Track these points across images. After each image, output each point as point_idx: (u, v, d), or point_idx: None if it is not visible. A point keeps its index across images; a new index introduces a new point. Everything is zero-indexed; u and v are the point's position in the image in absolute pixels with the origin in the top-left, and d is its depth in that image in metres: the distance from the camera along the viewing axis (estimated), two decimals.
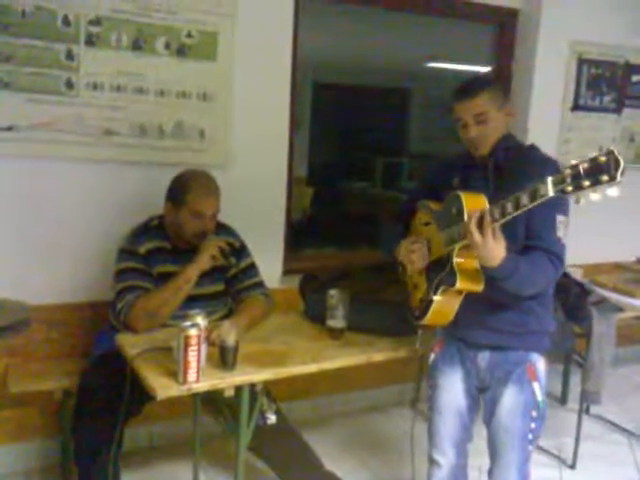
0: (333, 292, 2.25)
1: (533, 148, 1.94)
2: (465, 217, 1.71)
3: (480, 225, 1.62)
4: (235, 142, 2.80)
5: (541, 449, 3.03)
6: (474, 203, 1.73)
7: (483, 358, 1.93)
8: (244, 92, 2.78)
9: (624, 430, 3.28)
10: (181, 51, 2.62)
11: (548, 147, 3.52)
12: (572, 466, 2.93)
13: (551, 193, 1.46)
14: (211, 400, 2.19)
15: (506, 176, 1.83)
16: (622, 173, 1.36)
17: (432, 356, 2.07)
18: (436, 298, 1.86)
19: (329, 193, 6.35)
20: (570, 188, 1.43)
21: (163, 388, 1.76)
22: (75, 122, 2.48)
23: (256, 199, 2.89)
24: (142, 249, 2.26)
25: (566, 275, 2.93)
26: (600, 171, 1.38)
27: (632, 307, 2.95)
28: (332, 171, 6.57)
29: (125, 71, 2.54)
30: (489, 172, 1.88)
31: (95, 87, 2.50)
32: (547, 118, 3.60)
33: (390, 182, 6.43)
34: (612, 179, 1.37)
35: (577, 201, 1.44)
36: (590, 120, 3.75)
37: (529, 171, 1.72)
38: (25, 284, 2.47)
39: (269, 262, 2.85)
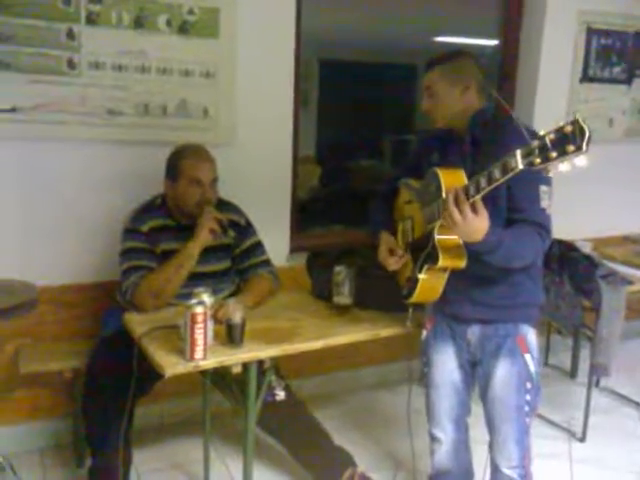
0: (339, 269, 2.24)
1: (510, 119, 1.89)
2: (443, 194, 1.69)
3: (457, 203, 1.59)
4: (239, 120, 2.78)
5: (550, 422, 3.04)
6: (452, 179, 1.72)
7: (473, 332, 1.93)
8: (248, 69, 2.76)
9: (634, 403, 3.28)
10: (183, 28, 2.60)
11: (556, 119, 3.52)
12: (582, 439, 2.94)
13: (520, 166, 1.43)
14: (220, 377, 2.20)
15: (483, 150, 1.81)
16: (588, 142, 1.31)
17: (424, 333, 2.07)
18: (421, 276, 1.86)
19: (337, 171, 6.31)
20: (538, 160, 1.39)
21: (171, 365, 1.77)
22: (78, 102, 2.47)
23: (261, 177, 2.88)
24: (145, 228, 2.26)
25: (574, 249, 2.92)
26: (566, 141, 1.34)
27: None
28: (340, 149, 6.53)
29: (127, 50, 2.52)
30: (466, 146, 1.86)
31: (97, 66, 2.48)
32: (555, 90, 3.55)
33: (398, 159, 6.38)
34: (578, 149, 1.32)
35: (546, 172, 1.41)
36: (599, 91, 3.69)
37: (504, 143, 1.69)
38: (33, 265, 2.48)
39: (276, 240, 2.85)
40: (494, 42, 3.72)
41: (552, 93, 3.54)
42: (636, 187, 3.83)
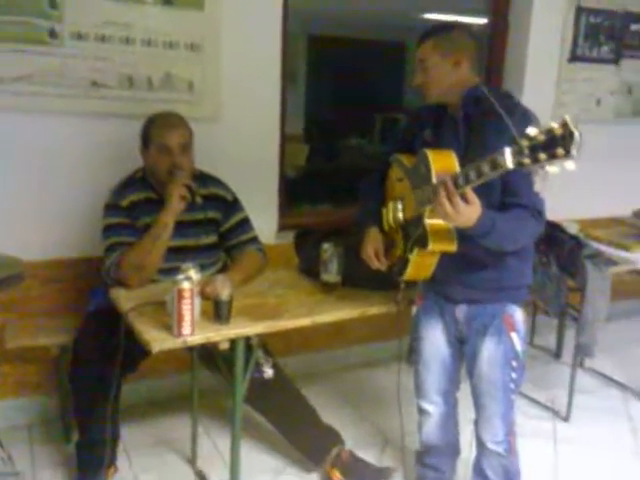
0: (327, 246, 2.23)
1: (506, 97, 1.85)
2: (433, 178, 1.68)
3: (448, 195, 1.58)
4: (225, 94, 2.74)
5: (535, 402, 3.07)
6: (442, 163, 1.70)
7: (461, 311, 1.94)
8: (233, 42, 2.71)
9: (617, 383, 3.32)
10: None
11: (545, 99, 3.54)
12: (565, 418, 2.97)
13: (510, 165, 1.41)
14: (208, 355, 2.19)
15: (477, 129, 1.79)
16: (578, 148, 1.28)
17: (414, 309, 2.10)
18: (412, 257, 1.86)
19: (325, 150, 6.28)
20: (527, 161, 1.36)
21: (158, 341, 1.76)
22: (60, 74, 2.42)
23: (249, 154, 2.84)
24: (125, 202, 2.23)
25: (561, 229, 2.92)
26: (556, 144, 1.30)
27: (626, 260, 2.94)
28: (328, 127, 6.48)
29: (111, 20, 2.46)
30: (459, 125, 1.84)
31: (80, 37, 2.42)
32: (544, 69, 3.54)
33: (387, 138, 6.35)
34: (567, 153, 1.29)
35: (535, 173, 1.38)
36: (588, 71, 3.68)
37: (496, 124, 1.66)
38: (18, 240, 2.43)
39: (264, 218, 2.83)
40: (483, 20, 3.69)
41: (541, 72, 3.52)
42: (624, 168, 3.84)
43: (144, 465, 2.47)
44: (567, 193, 3.12)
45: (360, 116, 6.60)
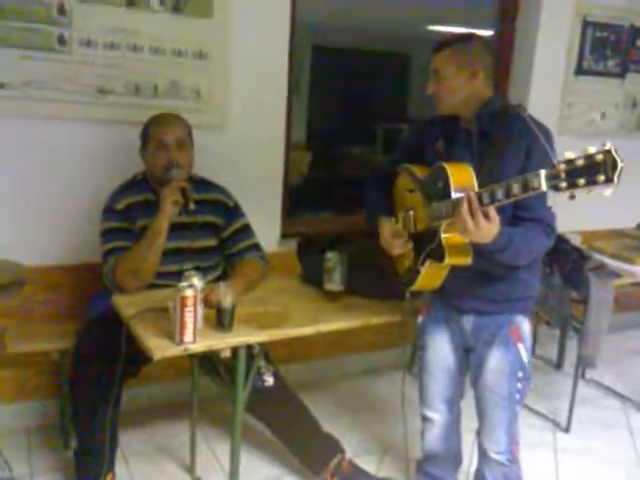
0: (330, 255, 2.23)
1: (519, 111, 1.82)
2: (452, 193, 1.67)
3: (471, 210, 1.57)
4: (232, 103, 2.75)
5: (536, 413, 3.06)
6: (461, 177, 1.69)
7: (467, 321, 1.94)
8: (241, 51, 2.72)
9: (618, 394, 3.31)
10: (176, 7, 2.55)
11: (550, 111, 3.54)
12: (566, 429, 2.96)
13: (544, 188, 1.41)
14: (209, 362, 2.19)
15: (492, 143, 1.78)
16: (619, 174, 1.29)
17: (420, 318, 2.10)
18: (423, 269, 1.85)
19: (328, 158, 6.28)
20: (564, 184, 1.36)
21: (160, 348, 1.76)
22: (68, 80, 2.43)
23: (254, 161, 2.85)
24: (120, 206, 2.23)
25: (564, 241, 2.92)
26: (596, 170, 1.31)
27: (630, 273, 2.94)
28: (331, 136, 6.50)
29: (119, 27, 2.47)
30: (473, 139, 1.83)
31: (88, 44, 2.43)
32: (550, 82, 3.55)
33: (390, 148, 6.36)
34: (609, 181, 1.31)
35: (571, 197, 1.37)
36: (593, 84, 3.69)
37: (514, 140, 1.67)
38: (21, 245, 2.44)
39: (267, 225, 2.84)
40: (489, 32, 3.70)
41: (546, 85, 3.53)
42: (628, 181, 3.83)
43: (142, 472, 2.46)
44: (570, 205, 3.13)
45: (363, 125, 6.62)
